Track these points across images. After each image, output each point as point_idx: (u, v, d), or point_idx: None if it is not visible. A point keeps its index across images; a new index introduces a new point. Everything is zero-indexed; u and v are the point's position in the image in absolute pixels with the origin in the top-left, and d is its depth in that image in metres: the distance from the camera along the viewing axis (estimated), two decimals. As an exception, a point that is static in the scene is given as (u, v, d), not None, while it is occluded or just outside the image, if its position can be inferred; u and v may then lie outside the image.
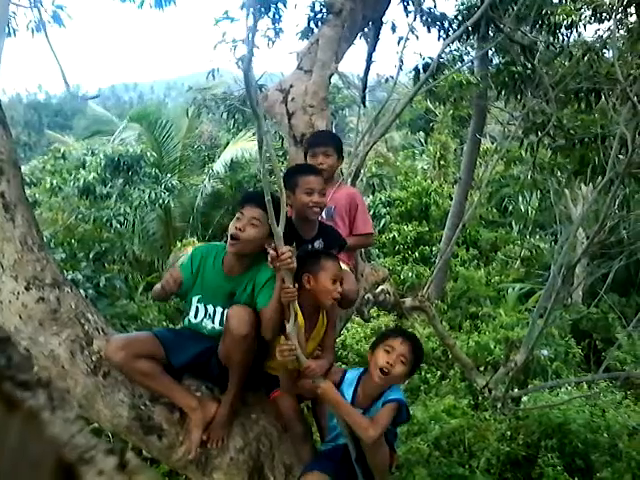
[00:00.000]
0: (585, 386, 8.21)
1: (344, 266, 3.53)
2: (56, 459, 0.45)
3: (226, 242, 3.04)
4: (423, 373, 9.35)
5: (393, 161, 24.12)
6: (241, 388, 3.07)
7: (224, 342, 2.91)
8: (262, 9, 7.60)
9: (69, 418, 0.47)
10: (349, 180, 4.72)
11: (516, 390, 5.70)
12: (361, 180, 17.23)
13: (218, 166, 17.31)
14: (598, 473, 6.41)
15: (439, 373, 9.38)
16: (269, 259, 2.77)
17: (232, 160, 17.18)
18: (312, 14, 7.19)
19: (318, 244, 3.32)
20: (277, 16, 7.74)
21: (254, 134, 13.44)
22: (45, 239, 3.12)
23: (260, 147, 2.53)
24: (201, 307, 3.12)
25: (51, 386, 0.49)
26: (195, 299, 3.13)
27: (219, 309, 3.08)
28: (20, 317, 2.81)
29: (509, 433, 7.13)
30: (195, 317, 3.14)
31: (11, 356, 0.50)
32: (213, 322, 3.09)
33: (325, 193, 3.30)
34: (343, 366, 3.53)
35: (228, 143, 18.60)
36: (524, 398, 7.38)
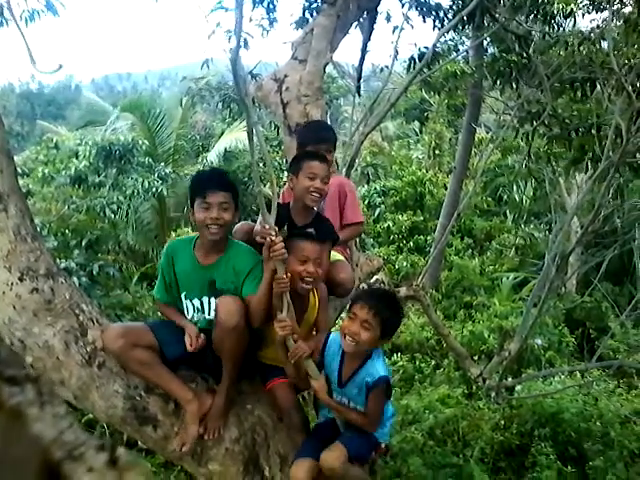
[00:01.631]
0: (578, 375, 8.25)
1: (339, 256, 3.53)
2: (41, 459, 0.44)
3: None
4: (417, 363, 9.38)
5: (388, 150, 24.12)
6: (236, 378, 3.08)
7: (215, 333, 2.90)
8: (257, -1, 7.56)
9: (58, 413, 0.46)
10: (344, 170, 4.71)
11: (510, 379, 5.71)
12: (356, 170, 17.24)
13: (212, 156, 17.25)
14: (591, 462, 6.44)
15: (433, 362, 9.41)
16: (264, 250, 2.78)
17: (226, 150, 17.12)
18: (307, 3, 7.16)
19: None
20: (271, 5, 7.71)
21: (248, 123, 13.40)
22: (38, 228, 3.10)
23: (250, 138, 2.52)
24: (189, 303, 3.11)
25: (40, 381, 0.49)
26: (182, 296, 3.13)
27: (205, 299, 3.07)
28: (14, 308, 2.79)
29: (503, 422, 7.17)
30: (188, 314, 3.14)
31: (-1, 352, 0.49)
32: (204, 314, 3.09)
33: (328, 182, 3.28)
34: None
35: (222, 133, 18.55)
36: (518, 387, 7.41)
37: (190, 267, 3.09)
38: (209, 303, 3.06)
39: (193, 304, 3.10)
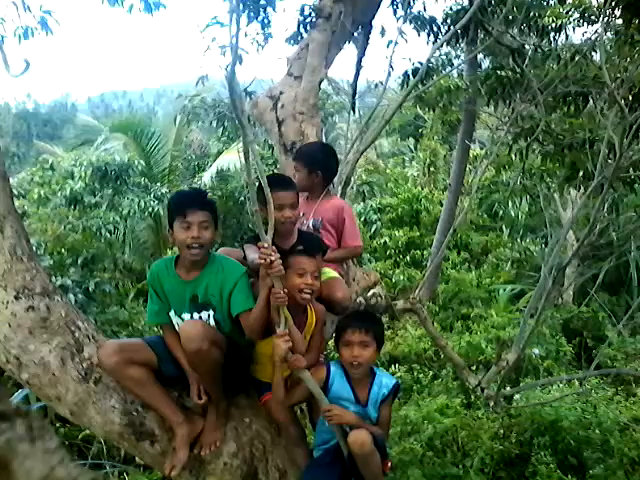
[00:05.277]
0: (576, 383, 8.20)
1: (334, 273, 3.53)
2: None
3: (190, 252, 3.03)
4: (415, 373, 9.35)
5: (383, 168, 24.13)
6: (221, 391, 3.08)
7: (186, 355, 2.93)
8: (251, 14, 7.58)
9: (49, 448, 0.46)
10: (339, 188, 4.70)
11: (508, 388, 5.69)
12: (351, 188, 17.26)
13: (208, 176, 17.23)
14: (591, 470, 6.39)
15: (431, 373, 9.37)
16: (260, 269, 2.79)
17: (222, 170, 17.07)
18: (301, 18, 7.17)
19: None
20: (266, 21, 7.72)
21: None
22: (34, 248, 3.12)
23: (246, 157, 2.53)
24: (177, 319, 3.12)
25: (30, 415, 0.49)
26: (172, 314, 3.14)
27: (187, 315, 3.09)
28: (10, 326, 2.81)
29: (502, 431, 7.12)
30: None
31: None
32: None
33: (297, 206, 3.30)
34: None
35: (219, 152, 18.51)
36: (516, 396, 7.37)
37: (174, 284, 3.11)
38: (192, 318, 3.08)
39: (182, 319, 3.11)
